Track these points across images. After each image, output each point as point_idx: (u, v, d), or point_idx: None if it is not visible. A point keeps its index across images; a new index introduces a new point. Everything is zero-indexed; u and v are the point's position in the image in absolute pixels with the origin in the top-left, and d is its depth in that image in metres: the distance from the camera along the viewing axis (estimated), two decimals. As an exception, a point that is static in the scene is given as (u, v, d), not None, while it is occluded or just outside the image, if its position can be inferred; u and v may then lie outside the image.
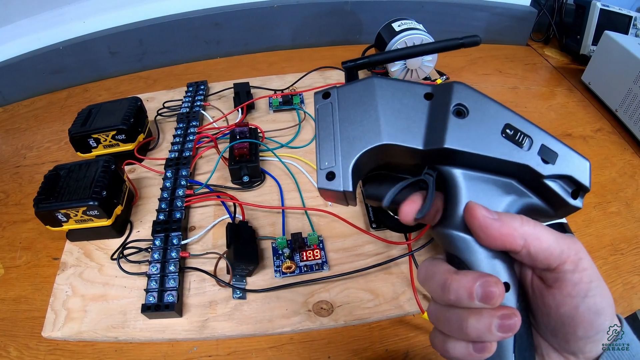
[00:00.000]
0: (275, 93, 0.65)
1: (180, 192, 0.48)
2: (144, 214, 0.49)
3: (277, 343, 0.39)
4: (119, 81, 0.74)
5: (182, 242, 0.43)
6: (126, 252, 0.43)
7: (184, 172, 0.50)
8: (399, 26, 0.65)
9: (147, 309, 0.38)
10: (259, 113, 0.63)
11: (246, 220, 0.46)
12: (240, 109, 0.61)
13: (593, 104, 0.70)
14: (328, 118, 0.23)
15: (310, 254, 0.43)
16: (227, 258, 0.41)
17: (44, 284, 0.43)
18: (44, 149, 0.61)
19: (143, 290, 0.39)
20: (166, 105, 0.63)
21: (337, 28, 0.82)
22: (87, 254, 0.45)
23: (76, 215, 0.42)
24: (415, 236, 0.44)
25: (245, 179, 0.51)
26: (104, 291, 0.41)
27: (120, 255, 0.43)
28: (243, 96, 0.62)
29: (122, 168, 0.54)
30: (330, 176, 0.22)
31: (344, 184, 0.21)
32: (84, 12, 0.70)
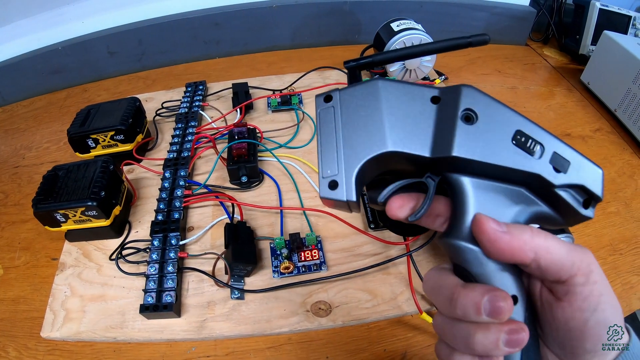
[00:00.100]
0: (273, 93, 0.65)
1: (178, 192, 0.48)
2: (143, 215, 0.49)
3: (275, 343, 0.39)
4: (118, 81, 0.75)
5: (181, 243, 0.43)
6: (125, 252, 0.43)
7: (182, 173, 0.50)
8: (397, 26, 0.65)
9: (145, 309, 0.38)
10: (258, 113, 0.63)
11: (244, 221, 0.46)
12: (238, 109, 0.61)
13: (592, 103, 0.70)
14: (330, 123, 0.22)
15: (308, 254, 0.43)
16: (225, 258, 0.41)
17: (42, 285, 0.44)
18: (43, 149, 0.61)
19: (141, 290, 0.40)
20: (165, 105, 0.63)
21: (336, 28, 0.82)
22: (86, 255, 0.45)
23: (75, 216, 0.42)
24: (413, 236, 0.44)
25: (244, 179, 0.51)
26: (103, 291, 0.41)
27: (118, 256, 0.43)
28: (242, 96, 0.62)
29: (120, 168, 0.54)
30: (333, 185, 0.21)
31: (347, 193, 0.21)
32: (83, 12, 0.70)
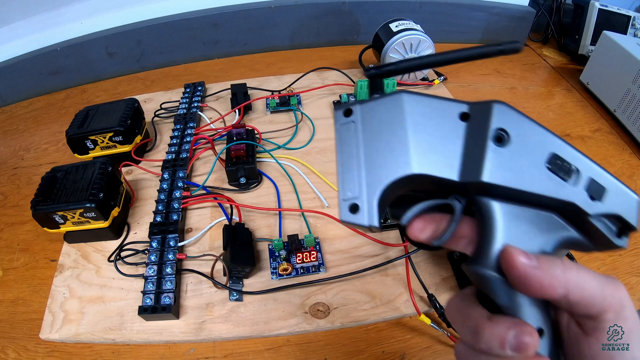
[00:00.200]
0: (272, 94, 0.65)
1: (177, 193, 0.48)
2: (141, 216, 0.49)
3: (273, 345, 0.39)
4: (117, 82, 0.74)
5: (179, 244, 0.43)
6: (123, 254, 0.43)
7: (181, 174, 0.50)
8: (396, 27, 0.65)
9: (144, 311, 0.38)
10: (257, 114, 0.63)
11: (243, 222, 0.46)
12: (237, 110, 0.61)
13: (591, 104, 0.70)
14: (351, 141, 0.20)
15: (306, 255, 0.43)
16: (223, 260, 0.41)
17: (41, 286, 0.44)
18: (42, 151, 0.61)
19: (140, 292, 0.40)
20: (163, 106, 0.63)
21: (335, 28, 0.81)
22: (85, 256, 0.45)
23: (73, 217, 0.42)
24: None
25: (242, 180, 0.51)
26: (101, 293, 0.41)
27: (117, 257, 0.43)
28: (240, 97, 0.62)
29: (119, 170, 0.53)
30: (354, 209, 0.20)
31: (368, 218, 0.19)
32: (81, 13, 0.70)
